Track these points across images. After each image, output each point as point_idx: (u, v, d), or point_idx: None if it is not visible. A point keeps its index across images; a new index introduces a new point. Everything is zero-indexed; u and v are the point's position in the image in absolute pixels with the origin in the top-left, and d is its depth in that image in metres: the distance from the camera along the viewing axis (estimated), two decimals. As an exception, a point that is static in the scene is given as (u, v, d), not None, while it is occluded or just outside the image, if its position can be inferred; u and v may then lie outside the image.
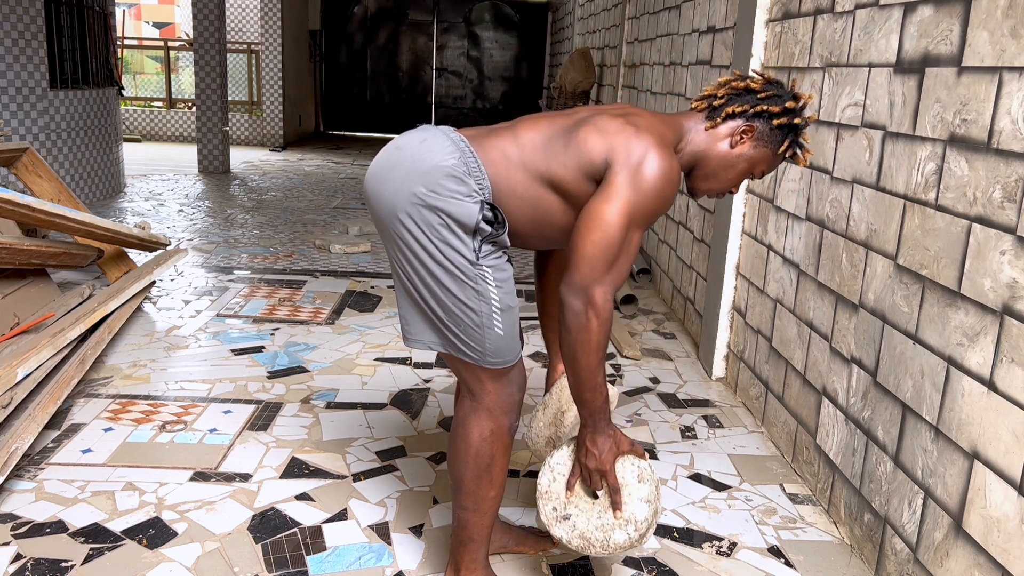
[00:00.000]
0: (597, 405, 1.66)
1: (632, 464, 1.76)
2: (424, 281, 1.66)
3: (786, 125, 1.72)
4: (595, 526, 1.75)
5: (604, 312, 1.57)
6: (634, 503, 1.74)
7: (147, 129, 12.38)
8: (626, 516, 1.73)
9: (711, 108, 1.74)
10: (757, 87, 1.72)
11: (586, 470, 1.72)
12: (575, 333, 1.58)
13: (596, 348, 1.59)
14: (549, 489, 1.79)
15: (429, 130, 1.70)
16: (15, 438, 2.31)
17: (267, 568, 2.01)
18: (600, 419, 1.68)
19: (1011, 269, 1.64)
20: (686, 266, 4.16)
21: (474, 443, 1.74)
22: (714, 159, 1.73)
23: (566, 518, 1.77)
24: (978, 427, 1.72)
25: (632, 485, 1.75)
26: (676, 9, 4.67)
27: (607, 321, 1.58)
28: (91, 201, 6.82)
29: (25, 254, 3.28)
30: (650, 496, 1.75)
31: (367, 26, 13.95)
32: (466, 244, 1.62)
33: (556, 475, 1.79)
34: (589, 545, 1.75)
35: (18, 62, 5.97)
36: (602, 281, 1.56)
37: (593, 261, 1.55)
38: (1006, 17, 1.69)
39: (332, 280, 4.73)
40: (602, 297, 1.56)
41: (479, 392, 1.74)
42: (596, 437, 1.69)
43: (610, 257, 1.56)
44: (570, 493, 1.77)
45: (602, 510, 1.76)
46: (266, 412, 2.88)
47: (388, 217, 1.65)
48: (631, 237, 1.58)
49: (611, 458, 1.70)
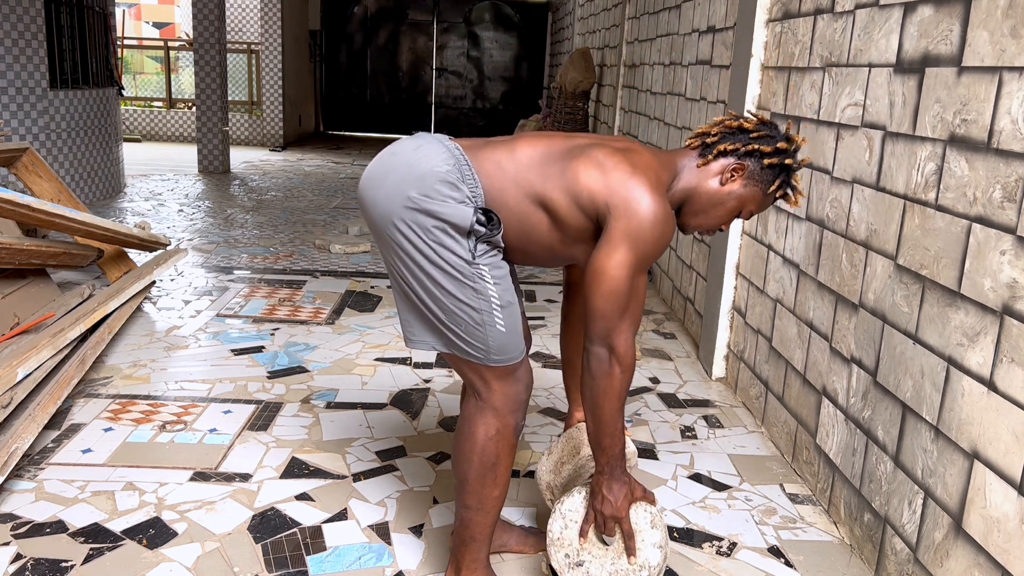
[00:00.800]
0: (615, 452, 1.70)
1: (644, 510, 1.78)
2: (422, 284, 1.66)
3: (777, 165, 1.74)
4: (608, 572, 1.77)
5: (627, 359, 1.63)
6: (647, 549, 1.76)
7: (147, 129, 12.38)
8: (640, 562, 1.75)
9: (704, 145, 1.77)
10: (750, 127, 1.75)
11: (601, 516, 1.74)
12: (599, 379, 1.63)
13: (618, 395, 1.64)
14: (561, 536, 1.80)
15: (424, 137, 1.72)
16: (15, 438, 2.31)
17: (267, 568, 2.01)
18: (617, 466, 1.71)
19: (1011, 269, 1.64)
20: (686, 266, 4.16)
21: (479, 442, 1.75)
22: (704, 196, 1.75)
23: (579, 564, 1.78)
24: (978, 427, 1.72)
25: (645, 531, 1.77)
26: (676, 9, 4.67)
27: (630, 368, 1.64)
28: (91, 201, 6.82)
29: (25, 254, 3.28)
30: (662, 542, 1.77)
31: (367, 26, 13.95)
32: (461, 244, 1.63)
33: (568, 522, 1.81)
34: None
35: (18, 62, 5.97)
36: (619, 328, 1.62)
37: (607, 312, 1.61)
38: (1006, 17, 1.69)
39: (332, 280, 4.73)
40: (623, 345, 1.62)
41: (485, 392, 1.74)
42: (612, 484, 1.72)
43: (621, 305, 1.61)
44: (583, 540, 1.78)
45: (615, 556, 1.77)
46: (266, 412, 2.88)
47: (383, 222, 1.66)
48: (636, 283, 1.63)
49: (626, 505, 1.73)
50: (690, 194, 1.76)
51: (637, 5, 5.86)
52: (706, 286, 3.64)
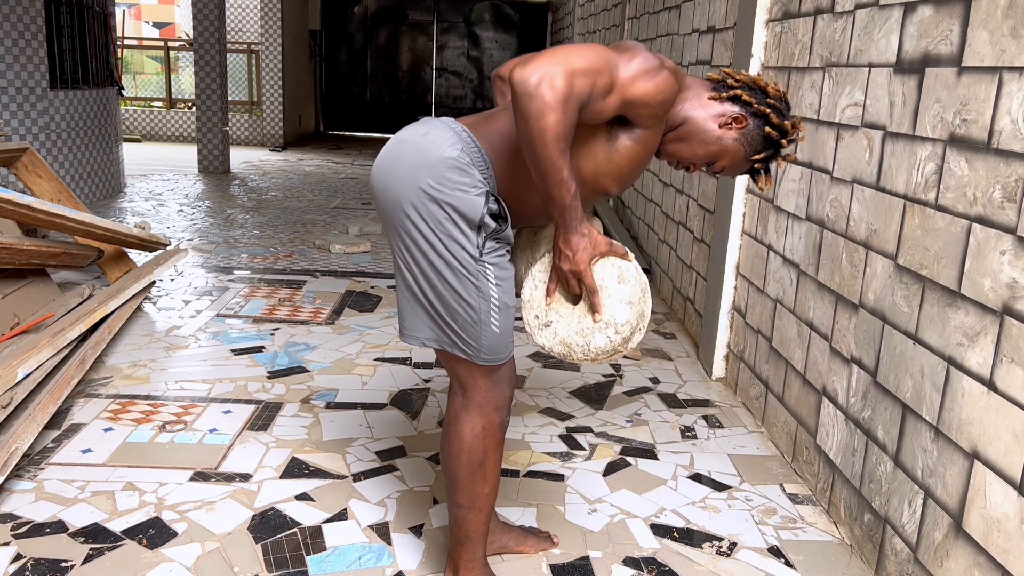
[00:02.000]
0: (566, 202, 1.56)
1: (612, 265, 1.68)
2: (426, 274, 1.66)
3: (773, 140, 1.72)
4: (575, 331, 1.68)
5: (563, 96, 1.44)
6: (614, 304, 1.66)
7: (147, 129, 12.38)
8: (605, 319, 1.67)
9: (723, 83, 1.73)
10: (772, 93, 1.72)
11: (562, 273, 1.67)
12: (532, 119, 1.44)
13: (555, 137, 1.46)
14: (531, 297, 1.73)
15: (431, 122, 1.71)
16: (15, 438, 2.31)
17: (267, 568, 2.01)
18: (571, 217, 1.59)
19: (1011, 269, 1.64)
20: (686, 266, 4.16)
21: (466, 440, 1.75)
22: (697, 126, 1.70)
23: (547, 325, 1.71)
24: (978, 427, 1.72)
25: (611, 287, 1.67)
26: (676, 9, 4.67)
27: (569, 110, 1.46)
28: (91, 201, 6.82)
29: (25, 254, 3.28)
30: (632, 298, 1.67)
31: (367, 26, 13.95)
32: (470, 239, 1.63)
33: (537, 283, 1.73)
34: (571, 351, 1.69)
35: (18, 62, 5.97)
36: (566, 77, 1.44)
37: (558, 58, 1.46)
38: (1006, 17, 1.69)
39: (332, 280, 4.73)
40: (563, 83, 1.43)
41: (471, 388, 1.75)
42: (569, 237, 1.62)
43: (580, 67, 1.46)
44: (550, 299, 1.71)
45: (582, 314, 1.69)
46: (266, 412, 2.88)
47: (393, 210, 1.66)
48: (605, 82, 1.50)
49: (585, 258, 1.63)
50: (686, 118, 1.70)
51: (637, 5, 5.86)
52: (706, 286, 3.64)
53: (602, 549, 2.16)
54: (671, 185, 4.55)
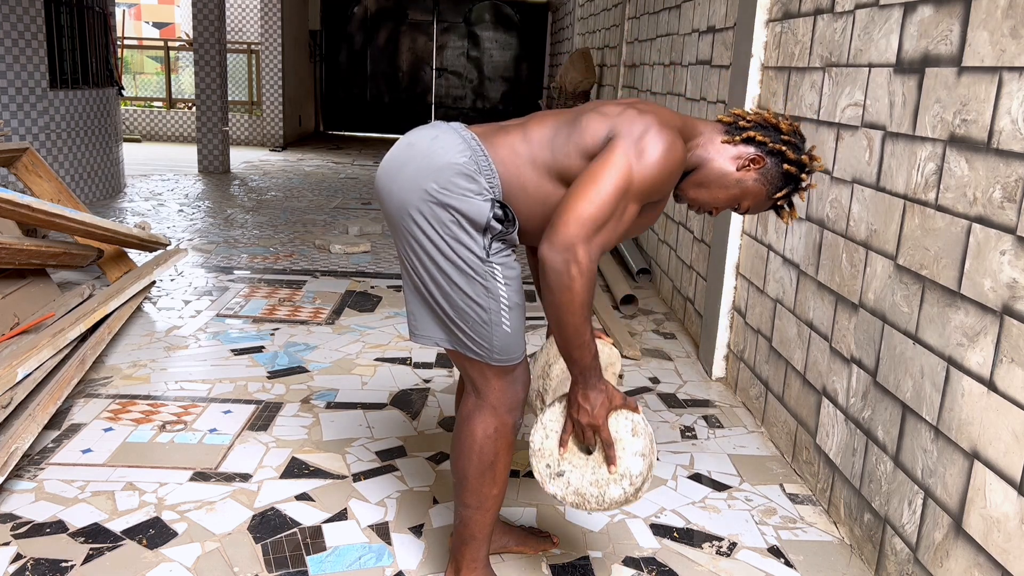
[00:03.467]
0: (587, 362, 1.64)
1: (625, 418, 1.73)
2: (433, 277, 1.66)
3: (793, 175, 1.73)
4: (589, 481, 1.72)
5: (588, 270, 1.53)
6: (628, 457, 1.71)
7: (147, 129, 12.38)
8: (621, 471, 1.71)
9: (735, 126, 1.75)
10: (785, 129, 1.73)
11: (579, 426, 1.70)
12: (558, 293, 1.54)
13: (580, 307, 1.55)
14: (542, 447, 1.76)
15: (441, 127, 1.71)
16: (15, 438, 2.31)
17: (267, 568, 2.01)
18: (591, 375, 1.66)
19: (1011, 269, 1.64)
20: (686, 266, 4.16)
21: (478, 440, 1.75)
22: (715, 171, 1.72)
23: (560, 475, 1.74)
24: (978, 427, 1.72)
25: (626, 439, 1.72)
26: (676, 9, 4.67)
27: (591, 278, 1.55)
28: (91, 201, 6.82)
29: (25, 254, 3.28)
30: (644, 450, 1.72)
31: (367, 26, 13.95)
32: (476, 241, 1.63)
33: (548, 432, 1.77)
34: (584, 501, 1.73)
35: (18, 62, 5.97)
36: (588, 241, 1.52)
37: (582, 219, 1.52)
38: (1006, 17, 1.69)
39: (332, 280, 4.73)
40: (586, 256, 1.52)
41: (484, 389, 1.75)
42: (588, 392, 1.67)
43: (601, 219, 1.53)
44: (563, 450, 1.74)
45: (596, 465, 1.73)
46: (266, 412, 2.88)
47: (399, 213, 1.66)
48: (625, 204, 1.56)
49: (603, 413, 1.68)
50: (702, 164, 1.72)
51: (637, 5, 5.86)
52: (706, 286, 3.64)
53: (602, 549, 2.16)
54: (671, 185, 4.54)
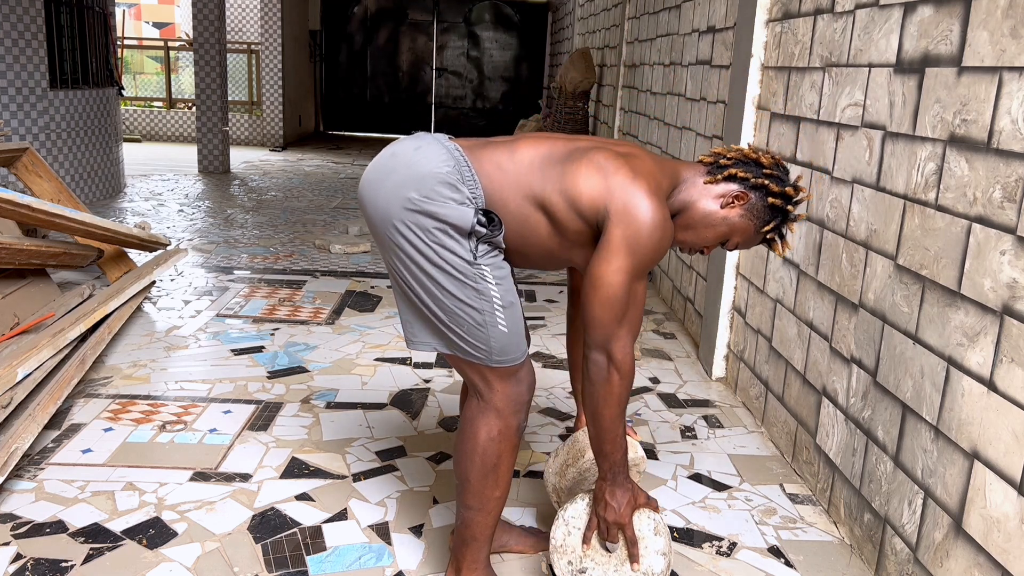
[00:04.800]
0: (617, 459, 1.70)
1: (648, 517, 1.78)
2: (423, 285, 1.66)
3: (779, 208, 1.75)
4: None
5: (625, 367, 1.63)
6: (651, 556, 1.76)
7: (147, 129, 12.38)
8: (643, 569, 1.76)
9: (716, 165, 1.77)
10: (766, 162, 1.75)
11: (604, 523, 1.75)
12: (598, 386, 1.64)
13: (617, 402, 1.64)
14: (564, 543, 1.80)
15: (424, 138, 1.71)
16: (15, 438, 2.31)
17: (267, 568, 2.01)
18: (620, 472, 1.72)
19: (1011, 269, 1.64)
20: (686, 266, 4.16)
21: (481, 443, 1.74)
22: (699, 213, 1.75)
23: (583, 572, 1.78)
24: (978, 427, 1.72)
25: (649, 538, 1.77)
26: (676, 9, 4.67)
27: (629, 375, 1.64)
28: (91, 201, 6.82)
29: (25, 254, 3.28)
30: (665, 548, 1.77)
31: (367, 26, 13.95)
32: (462, 245, 1.63)
33: (571, 529, 1.80)
34: None
35: (18, 62, 5.97)
36: (617, 335, 1.62)
37: (604, 320, 1.61)
38: (1006, 17, 1.69)
39: (332, 280, 4.73)
40: (621, 352, 1.63)
41: (487, 392, 1.74)
42: (615, 490, 1.73)
43: (619, 313, 1.62)
44: (587, 547, 1.78)
45: (619, 563, 1.77)
46: (266, 412, 2.88)
47: (383, 223, 1.66)
48: (635, 289, 1.63)
49: (629, 512, 1.73)
50: (687, 207, 1.76)
51: (637, 5, 5.86)
52: (706, 286, 3.64)
53: (602, 549, 2.16)
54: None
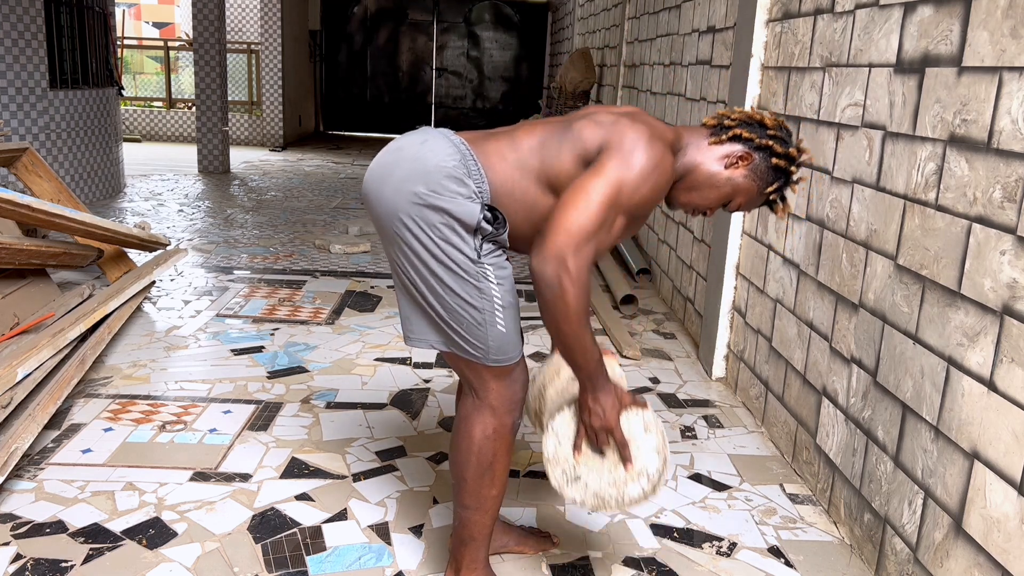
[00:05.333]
0: (591, 367, 1.64)
1: (636, 416, 1.73)
2: (425, 280, 1.66)
3: (782, 169, 1.74)
4: (608, 483, 1.73)
5: (580, 279, 1.53)
6: (644, 455, 1.72)
7: (147, 129, 12.38)
8: (638, 469, 1.71)
9: (720, 127, 1.76)
10: (770, 124, 1.74)
11: (591, 430, 1.70)
12: (552, 304, 1.54)
13: (576, 316, 1.55)
14: (555, 454, 1.76)
15: (429, 132, 1.71)
16: (15, 438, 2.31)
17: (267, 568, 2.01)
18: (598, 379, 1.66)
19: (1011, 269, 1.64)
20: (686, 266, 4.16)
21: (476, 441, 1.75)
22: (704, 173, 1.73)
23: (577, 479, 1.74)
24: (978, 427, 1.72)
25: (639, 437, 1.72)
26: (676, 9, 4.67)
27: (584, 286, 1.54)
28: (91, 201, 6.82)
29: (25, 254, 3.28)
30: (658, 446, 1.73)
31: (367, 26, 13.95)
32: (467, 242, 1.63)
33: (561, 439, 1.76)
34: (604, 503, 1.73)
35: (18, 62, 5.97)
36: (578, 252, 1.52)
37: (571, 231, 1.52)
38: (1006, 17, 1.69)
39: (332, 280, 4.73)
40: (577, 266, 1.52)
41: (482, 390, 1.75)
42: (597, 395, 1.67)
43: (590, 230, 1.53)
44: (578, 454, 1.74)
45: (612, 466, 1.73)
46: (266, 412, 2.88)
47: (388, 217, 1.66)
48: (614, 216, 1.57)
49: (615, 415, 1.68)
50: (691, 169, 1.73)
51: (637, 5, 5.86)
52: (706, 286, 3.64)
53: (602, 549, 2.16)
54: (671, 185, 4.55)
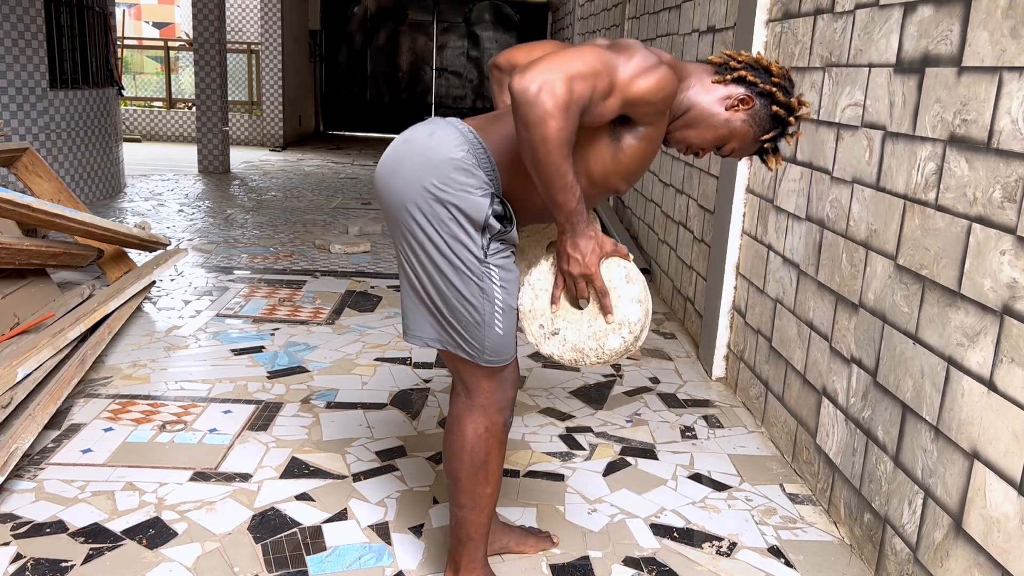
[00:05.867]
0: (572, 206, 1.55)
1: (618, 265, 1.68)
2: (429, 275, 1.66)
3: (781, 118, 1.71)
4: (587, 335, 1.67)
5: (567, 106, 1.42)
6: (625, 304, 1.65)
7: (147, 129, 12.38)
8: (618, 319, 1.66)
9: (725, 67, 1.71)
10: (776, 71, 1.70)
11: (570, 278, 1.65)
12: (532, 127, 1.43)
13: (557, 143, 1.45)
14: (532, 307, 1.70)
15: (437, 123, 1.70)
16: (15, 438, 2.31)
17: (267, 568, 2.01)
18: (578, 221, 1.58)
19: (1011, 269, 1.64)
20: (686, 266, 4.16)
21: (469, 440, 1.75)
22: (703, 111, 1.68)
23: (555, 333, 1.69)
24: (978, 427, 1.72)
25: (621, 287, 1.66)
26: (676, 9, 4.67)
27: (571, 117, 1.44)
28: (91, 201, 6.82)
29: (25, 254, 3.28)
30: (640, 296, 1.66)
31: (367, 26, 13.95)
32: (474, 240, 1.63)
33: (538, 292, 1.70)
34: (583, 356, 1.67)
35: (18, 62, 5.97)
36: (567, 83, 1.42)
37: (561, 66, 1.43)
38: (1006, 17, 1.69)
39: (332, 280, 4.73)
40: (564, 92, 1.42)
41: (474, 389, 1.75)
42: (577, 240, 1.61)
43: (582, 71, 1.44)
44: (556, 307, 1.69)
45: (592, 318, 1.67)
46: (266, 412, 2.88)
47: (398, 210, 1.66)
48: (607, 83, 1.49)
49: (595, 260, 1.62)
50: (692, 105, 1.68)
51: (637, 5, 5.86)
52: (706, 286, 3.64)
53: (602, 549, 2.16)
54: (671, 185, 4.55)
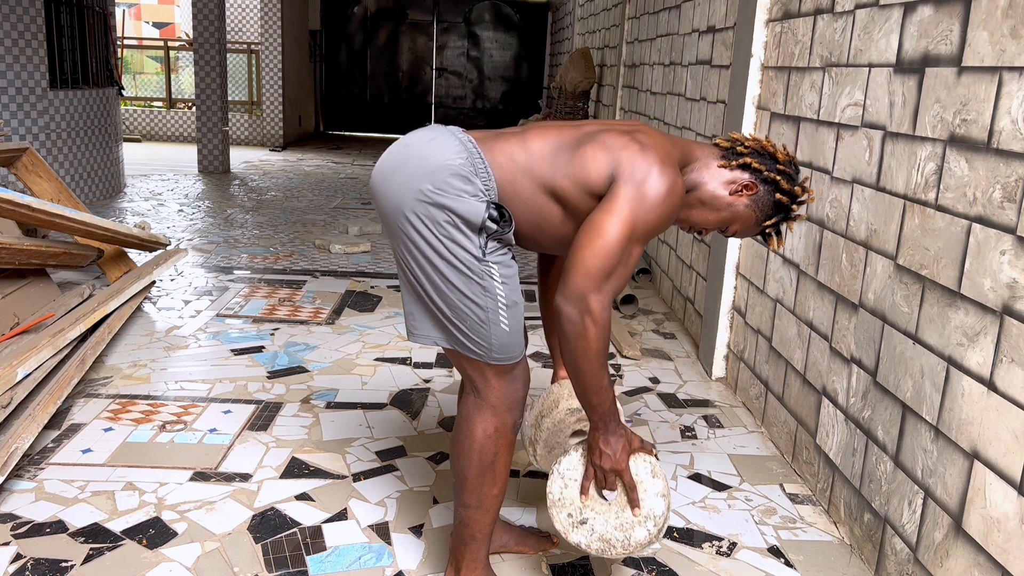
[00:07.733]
0: (605, 408, 1.67)
1: (644, 461, 1.77)
2: (430, 278, 1.66)
3: (783, 205, 1.76)
4: (614, 526, 1.75)
5: (601, 319, 1.57)
6: (651, 499, 1.75)
7: (147, 129, 12.38)
8: (644, 513, 1.74)
9: (732, 151, 1.77)
10: (781, 158, 1.76)
11: (601, 471, 1.73)
12: (574, 341, 1.58)
13: (596, 354, 1.59)
14: (562, 496, 1.79)
15: (438, 129, 1.72)
16: (15, 438, 2.31)
17: (267, 568, 2.01)
18: (611, 420, 1.69)
19: (1011, 269, 1.64)
20: (686, 266, 4.16)
21: (478, 440, 1.75)
22: (708, 194, 1.75)
23: (583, 523, 1.77)
24: (978, 427, 1.72)
25: (647, 481, 1.76)
26: (676, 9, 4.67)
27: (605, 327, 1.59)
28: (91, 201, 6.82)
29: (25, 254, 3.28)
30: (664, 490, 1.76)
31: (367, 26, 13.95)
32: (472, 241, 1.63)
33: (568, 481, 1.79)
34: (610, 547, 1.75)
35: (18, 62, 5.97)
36: (599, 290, 1.56)
37: (591, 271, 1.56)
38: (1006, 17, 1.69)
39: (332, 280, 4.73)
40: (599, 305, 1.56)
41: (484, 389, 1.75)
42: (609, 438, 1.70)
43: (608, 268, 1.56)
44: (585, 497, 1.77)
45: (619, 510, 1.76)
46: (266, 412, 2.88)
47: (394, 214, 1.66)
48: (631, 250, 1.59)
49: (625, 457, 1.72)
50: (697, 187, 1.75)
51: (637, 5, 5.86)
52: (706, 286, 3.64)
53: (602, 549, 2.16)
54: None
